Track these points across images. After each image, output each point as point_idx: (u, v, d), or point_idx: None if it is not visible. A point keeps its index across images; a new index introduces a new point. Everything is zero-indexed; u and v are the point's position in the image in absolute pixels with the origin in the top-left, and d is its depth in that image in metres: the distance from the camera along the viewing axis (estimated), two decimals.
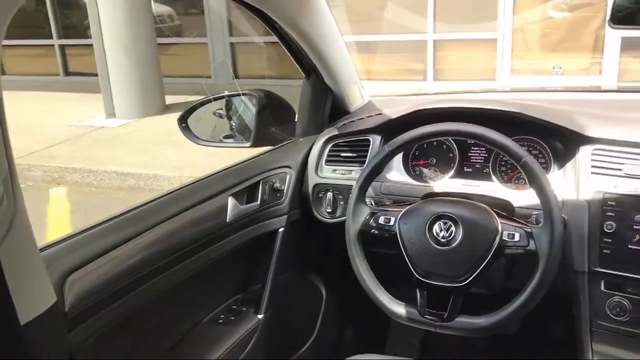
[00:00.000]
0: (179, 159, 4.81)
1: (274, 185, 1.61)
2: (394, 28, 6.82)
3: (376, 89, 2.09)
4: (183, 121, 1.65)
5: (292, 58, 1.64)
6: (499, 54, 6.36)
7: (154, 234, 1.24)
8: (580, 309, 1.34)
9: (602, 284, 1.31)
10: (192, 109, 1.67)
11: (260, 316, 1.58)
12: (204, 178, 1.49)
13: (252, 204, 1.55)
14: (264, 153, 1.70)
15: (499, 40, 6.33)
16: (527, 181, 1.27)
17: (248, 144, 1.67)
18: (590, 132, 1.38)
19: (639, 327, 1.27)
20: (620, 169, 1.31)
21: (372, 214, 1.38)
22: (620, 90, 3.36)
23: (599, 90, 3.50)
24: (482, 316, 1.26)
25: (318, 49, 1.56)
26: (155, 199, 1.34)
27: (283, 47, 1.61)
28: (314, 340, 1.82)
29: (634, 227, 1.27)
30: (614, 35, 5.83)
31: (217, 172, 1.53)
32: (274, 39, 1.59)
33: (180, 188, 1.42)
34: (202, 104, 1.68)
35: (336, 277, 1.82)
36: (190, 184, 1.45)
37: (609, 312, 1.31)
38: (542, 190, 1.22)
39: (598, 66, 6.08)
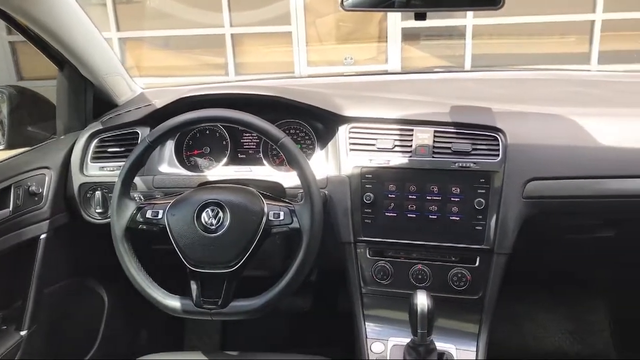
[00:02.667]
0: None
1: (30, 188, 1.46)
2: (192, 22, 6.70)
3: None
4: None
5: (40, 52, 1.50)
6: (294, 47, 6.56)
7: None
8: (350, 277, 1.42)
9: (368, 251, 1.40)
10: None
11: (23, 333, 1.44)
12: None
13: (1, 211, 1.39)
14: (18, 155, 1.54)
15: (293, 33, 6.52)
16: (287, 162, 1.30)
17: (1, 147, 1.51)
18: (346, 112, 1.45)
19: (399, 287, 1.38)
20: (374, 144, 1.41)
21: (139, 209, 1.32)
22: (403, 72, 3.65)
23: (383, 73, 3.77)
24: (254, 298, 1.27)
25: (64, 41, 1.46)
26: None
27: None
28: (99, 346, 1.71)
29: (389, 195, 1.37)
30: (395, 26, 6.34)
31: None
32: None
33: None
34: None
35: (119, 280, 1.73)
36: None
37: (375, 277, 1.40)
38: (300, 169, 1.25)
39: (384, 55, 6.56)
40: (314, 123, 1.52)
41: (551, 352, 1.83)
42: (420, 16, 1.09)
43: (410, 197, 1.36)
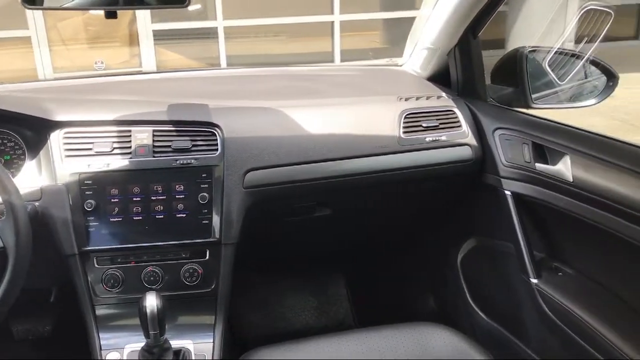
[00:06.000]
0: None
1: None
2: None
3: None
4: None
5: None
6: (36, 52, 6.02)
7: None
8: (78, 290, 1.34)
9: (95, 260, 1.34)
10: None
11: None
12: None
13: None
14: None
15: (33, 37, 5.98)
16: None
17: None
18: (58, 117, 1.37)
19: (131, 293, 1.34)
20: (91, 149, 1.34)
21: None
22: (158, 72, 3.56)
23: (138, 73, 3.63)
24: None
25: None
26: None
27: None
28: None
29: (112, 200, 1.33)
30: (146, 28, 6.19)
31: None
32: None
33: None
34: None
35: None
36: None
37: (105, 286, 1.34)
38: None
39: (138, 58, 6.36)
40: (22, 131, 1.41)
41: (302, 331, 1.95)
42: (111, 14, 1.08)
43: (134, 199, 1.33)
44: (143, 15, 6.05)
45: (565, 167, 1.27)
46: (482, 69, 1.57)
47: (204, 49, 6.79)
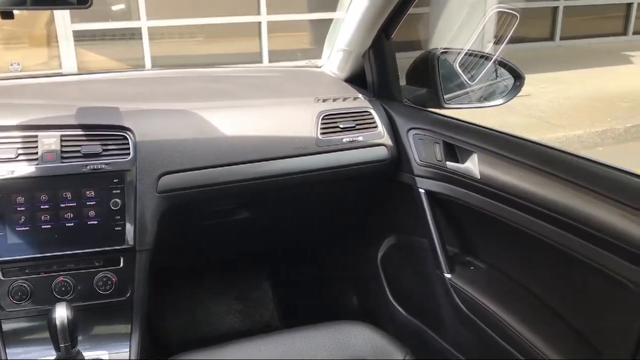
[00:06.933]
0: None
1: None
2: None
3: None
4: None
5: None
6: None
7: None
8: None
9: (0, 273, 1.28)
10: None
11: None
12: None
13: None
14: None
15: None
16: None
17: None
18: None
19: (41, 304, 1.29)
20: None
21: None
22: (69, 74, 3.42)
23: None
24: None
25: None
26: None
27: None
28: None
29: (18, 209, 1.27)
30: (65, 28, 5.96)
31: None
32: None
33: None
34: None
35: None
36: None
37: (12, 299, 1.28)
38: None
39: (58, 59, 6.12)
40: None
41: (227, 334, 1.94)
42: (7, 15, 1.03)
43: (42, 207, 1.28)
44: (62, 15, 5.83)
45: (473, 165, 1.32)
46: (396, 70, 1.60)
47: (128, 50, 6.61)
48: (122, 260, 1.33)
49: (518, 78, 1.56)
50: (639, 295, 0.91)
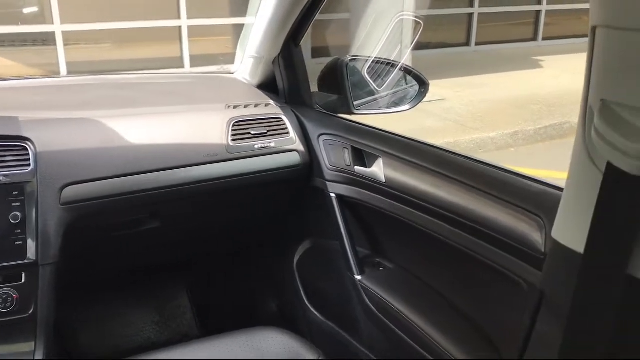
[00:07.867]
0: None
1: None
2: None
3: None
4: None
5: None
6: None
7: None
8: None
9: None
10: None
11: None
12: None
13: None
14: None
15: None
16: None
17: None
18: None
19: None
20: None
21: None
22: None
23: None
24: None
25: None
26: None
27: None
28: None
29: None
30: None
31: None
32: None
33: None
34: None
35: None
36: None
37: None
38: None
39: None
40: None
41: (143, 346, 1.89)
42: None
43: None
44: None
45: (379, 169, 1.36)
46: (306, 77, 1.63)
47: (41, 55, 6.33)
48: (23, 275, 1.28)
49: (422, 84, 1.61)
50: (531, 294, 0.95)
